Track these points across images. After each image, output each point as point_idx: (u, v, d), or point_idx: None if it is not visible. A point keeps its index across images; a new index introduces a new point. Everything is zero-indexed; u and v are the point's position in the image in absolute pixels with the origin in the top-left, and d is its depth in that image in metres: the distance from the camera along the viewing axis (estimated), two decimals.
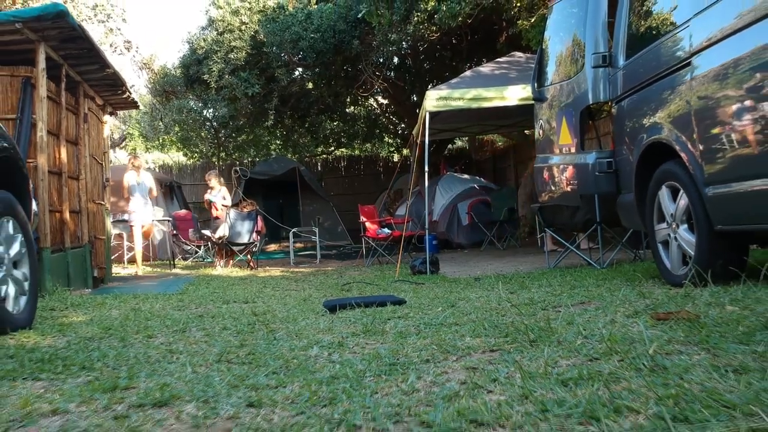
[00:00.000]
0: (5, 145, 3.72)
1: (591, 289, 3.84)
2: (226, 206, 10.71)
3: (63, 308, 4.87)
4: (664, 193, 3.79)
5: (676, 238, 3.71)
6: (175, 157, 24.00)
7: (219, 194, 10.89)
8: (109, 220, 9.09)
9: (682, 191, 3.56)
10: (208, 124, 17.92)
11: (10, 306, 3.57)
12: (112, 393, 1.88)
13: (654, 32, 3.89)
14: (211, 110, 16.52)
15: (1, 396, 1.93)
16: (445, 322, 2.90)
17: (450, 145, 19.07)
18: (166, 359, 2.45)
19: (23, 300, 3.78)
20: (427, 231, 8.35)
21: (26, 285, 3.85)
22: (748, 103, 2.92)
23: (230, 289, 6.23)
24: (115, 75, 7.76)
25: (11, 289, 3.64)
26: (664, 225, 3.84)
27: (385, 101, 18.07)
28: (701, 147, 3.28)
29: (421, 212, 10.50)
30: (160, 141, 22.44)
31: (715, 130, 3.16)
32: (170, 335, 3.16)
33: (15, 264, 3.78)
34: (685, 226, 3.63)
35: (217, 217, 10.72)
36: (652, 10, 4.02)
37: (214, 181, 10.97)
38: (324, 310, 3.91)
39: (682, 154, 3.45)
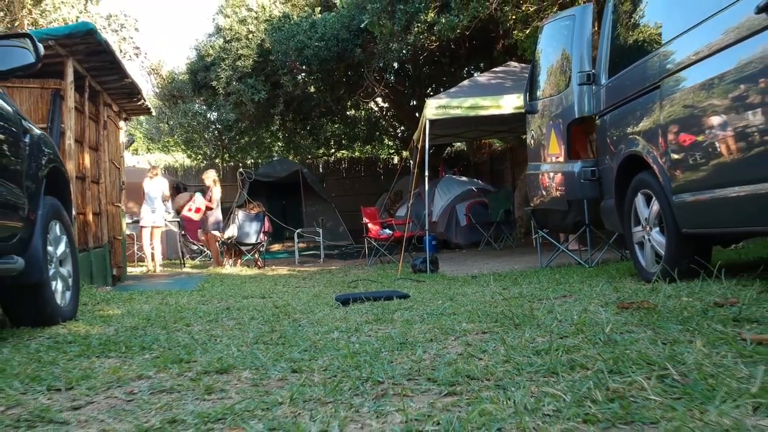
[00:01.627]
0: (53, 156, 4.19)
1: (574, 285, 4.32)
2: (210, 207, 10.92)
3: (95, 303, 5.33)
4: (639, 200, 4.26)
5: (649, 240, 4.18)
6: (179, 158, 24.45)
7: (209, 195, 11.10)
8: (125, 222, 9.57)
9: (654, 198, 4.04)
10: (212, 126, 18.39)
11: (58, 299, 4.03)
12: (179, 364, 2.34)
13: (631, 56, 4.36)
14: (215, 113, 16.99)
15: (89, 368, 2.40)
16: (445, 312, 3.37)
17: (449, 148, 19.55)
18: (211, 341, 2.92)
19: (68, 294, 4.23)
20: (426, 232, 8.83)
21: (70, 281, 4.32)
22: (706, 123, 3.39)
23: (244, 286, 6.70)
24: (132, 84, 8.23)
25: (59, 285, 4.10)
26: (640, 228, 4.32)
27: (386, 104, 18.55)
28: (669, 160, 3.75)
29: (420, 213, 10.96)
30: (164, 143, 22.94)
31: (680, 146, 3.63)
32: (205, 324, 3.63)
33: (60, 262, 4.25)
34: (657, 229, 4.10)
35: (204, 220, 11.05)
36: (630, 37, 4.49)
37: (210, 181, 11.21)
38: (337, 303, 4.38)
39: (653, 166, 3.92)
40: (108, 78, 7.80)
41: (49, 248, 3.99)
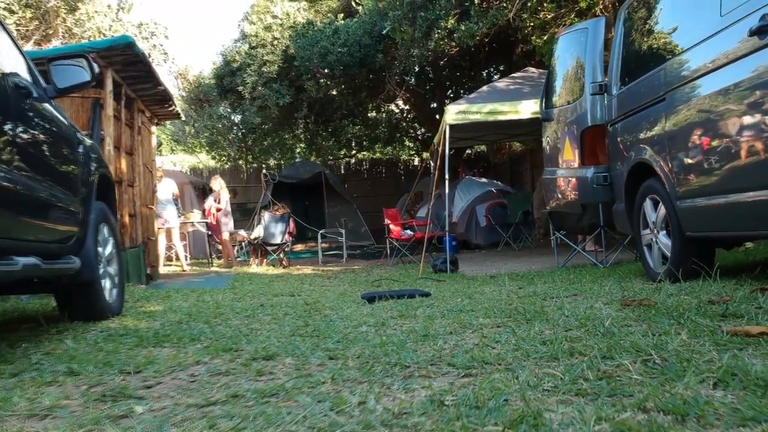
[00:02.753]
0: (101, 164, 4.55)
1: (585, 284, 4.60)
2: (219, 209, 11.50)
3: (135, 300, 5.67)
4: (647, 204, 4.53)
5: (656, 242, 4.45)
6: (204, 159, 24.95)
7: (217, 198, 11.68)
8: (156, 223, 9.99)
9: (660, 203, 4.30)
10: (235, 128, 18.82)
11: (107, 296, 4.39)
12: (229, 352, 2.67)
13: (639, 69, 4.62)
14: (239, 116, 17.42)
15: (149, 355, 2.73)
16: (464, 309, 3.66)
17: (468, 150, 19.81)
18: (252, 334, 3.24)
19: (115, 292, 4.59)
20: (447, 232, 9.11)
21: (116, 279, 4.68)
22: (706, 135, 3.65)
23: (272, 285, 7.04)
24: (165, 91, 8.62)
25: (107, 283, 4.45)
26: (648, 231, 4.59)
27: (406, 107, 18.86)
28: (673, 168, 4.02)
29: (441, 214, 11.24)
30: (189, 144, 23.46)
31: (683, 155, 3.90)
32: (243, 319, 3.96)
33: (108, 262, 4.60)
34: (664, 232, 4.36)
35: (212, 224, 11.55)
36: (638, 51, 4.76)
37: (217, 185, 11.80)
38: (363, 301, 4.69)
39: (660, 173, 4.19)
40: (142, 86, 8.19)
41: (99, 249, 4.35)
